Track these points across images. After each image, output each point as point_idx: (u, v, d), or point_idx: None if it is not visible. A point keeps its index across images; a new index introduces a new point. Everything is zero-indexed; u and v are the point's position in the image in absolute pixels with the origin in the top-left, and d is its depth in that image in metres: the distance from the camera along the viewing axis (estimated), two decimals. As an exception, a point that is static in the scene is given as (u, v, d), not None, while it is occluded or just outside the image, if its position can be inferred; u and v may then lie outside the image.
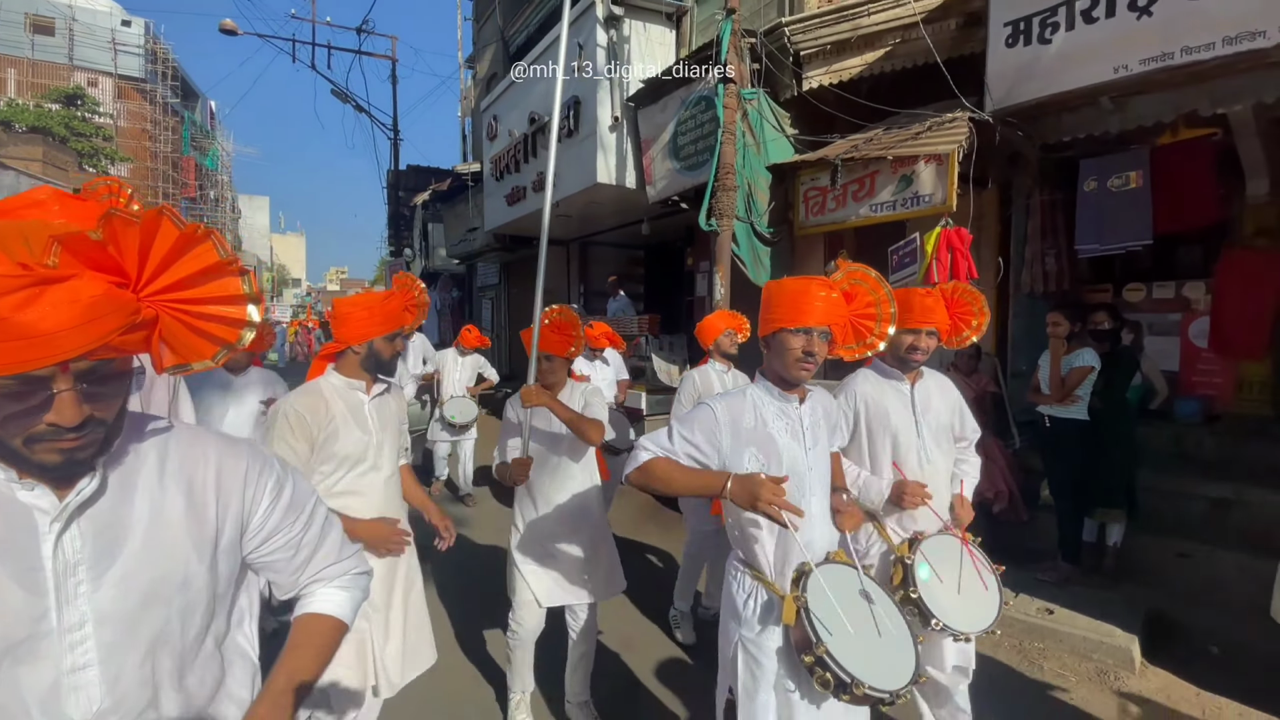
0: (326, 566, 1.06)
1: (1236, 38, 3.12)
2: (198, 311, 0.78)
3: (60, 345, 0.68)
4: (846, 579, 1.60)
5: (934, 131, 4.11)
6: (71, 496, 0.80)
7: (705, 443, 1.60)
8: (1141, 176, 3.95)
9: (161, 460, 0.89)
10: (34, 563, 0.79)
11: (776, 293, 1.64)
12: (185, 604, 0.89)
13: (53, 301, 0.66)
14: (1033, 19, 3.78)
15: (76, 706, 0.81)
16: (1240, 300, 4.18)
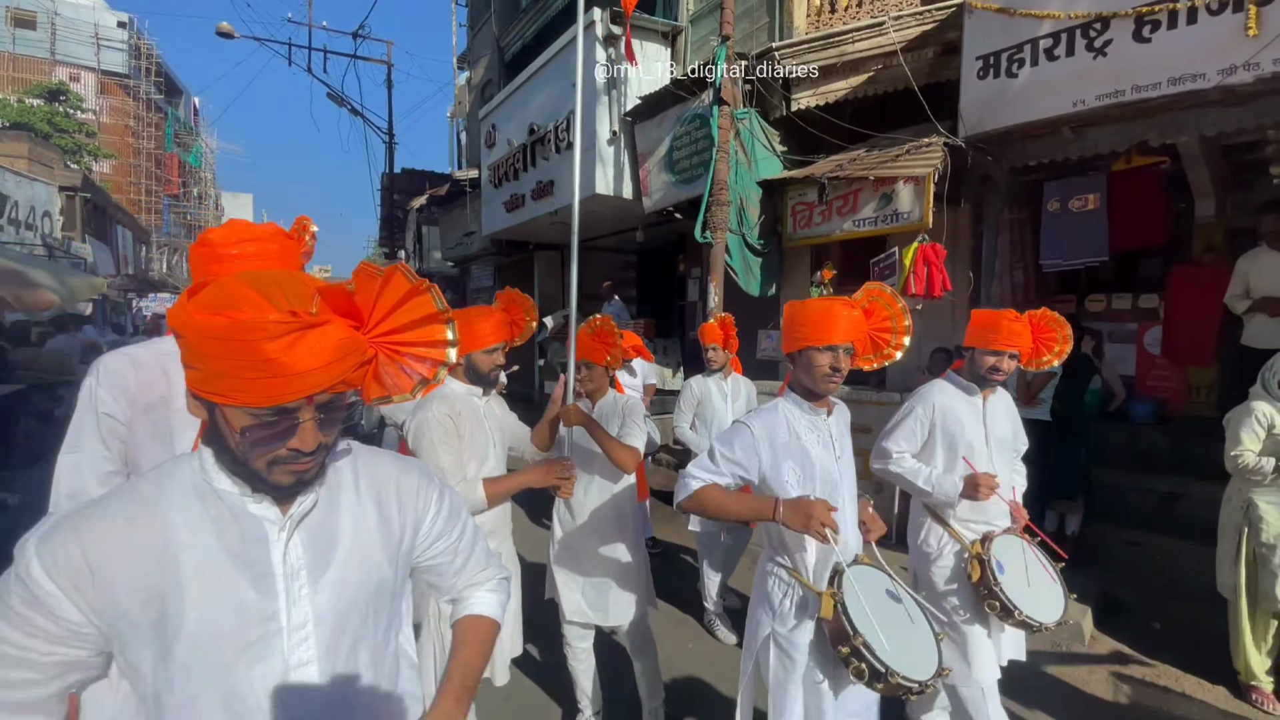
0: (479, 571, 1.17)
1: (1180, 79, 3.50)
2: (408, 351, 0.90)
3: (313, 381, 0.78)
4: (875, 579, 1.72)
5: (912, 154, 4.46)
6: (294, 509, 0.91)
7: (745, 459, 1.69)
8: (1099, 199, 4.34)
9: (355, 477, 0.99)
10: (266, 568, 0.88)
11: (802, 312, 1.72)
12: (378, 606, 0.99)
13: (311, 344, 0.77)
14: (1001, 54, 4.14)
15: (303, 697, 0.90)
16: (1189, 311, 4.57)
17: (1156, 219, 4.38)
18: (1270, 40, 3.23)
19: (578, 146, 2.77)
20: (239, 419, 0.80)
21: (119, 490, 0.89)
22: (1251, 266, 4.00)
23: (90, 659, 0.84)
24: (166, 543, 0.84)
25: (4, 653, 0.80)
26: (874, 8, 5.35)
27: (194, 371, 0.80)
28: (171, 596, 0.82)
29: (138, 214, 30.86)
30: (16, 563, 0.80)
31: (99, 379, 1.40)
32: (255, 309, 0.74)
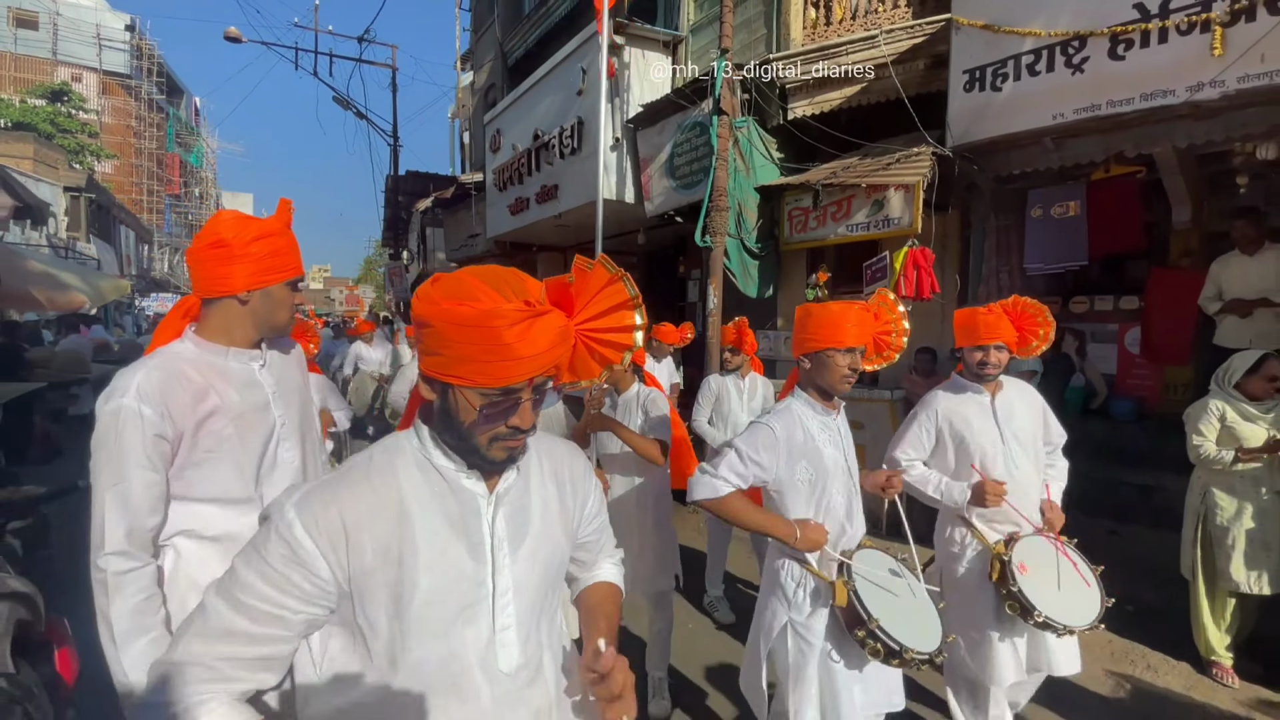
0: (610, 545, 1.25)
1: (1151, 95, 3.72)
2: (600, 338, 0.96)
3: (537, 364, 0.86)
4: (877, 560, 1.84)
5: (902, 163, 4.68)
6: (499, 485, 0.98)
7: (767, 460, 1.78)
8: (1079, 206, 4.56)
9: (540, 459, 1.06)
10: (479, 538, 0.95)
11: (820, 315, 1.79)
12: (555, 579, 1.06)
13: (538, 331, 0.84)
14: (986, 69, 4.36)
15: (505, 660, 0.96)
16: (1167, 313, 4.80)
17: (1133, 225, 4.61)
18: (1235, 60, 3.45)
19: (601, 157, 3.02)
20: (474, 399, 0.87)
21: (355, 463, 0.95)
22: (1223, 270, 4.23)
23: (325, 619, 0.91)
24: (402, 510, 0.91)
25: (260, 609, 0.85)
26: (867, 21, 5.57)
27: (435, 358, 0.87)
28: (408, 559, 0.89)
29: (139, 214, 31.02)
30: (276, 523, 0.87)
31: (141, 398, 1.27)
32: (491, 300, 0.83)
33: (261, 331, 1.45)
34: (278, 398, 1.47)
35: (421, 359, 0.89)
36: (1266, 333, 4.05)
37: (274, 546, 0.85)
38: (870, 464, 5.13)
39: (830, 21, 5.78)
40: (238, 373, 1.42)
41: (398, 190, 13.35)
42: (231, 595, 0.86)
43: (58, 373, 7.31)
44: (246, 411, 1.40)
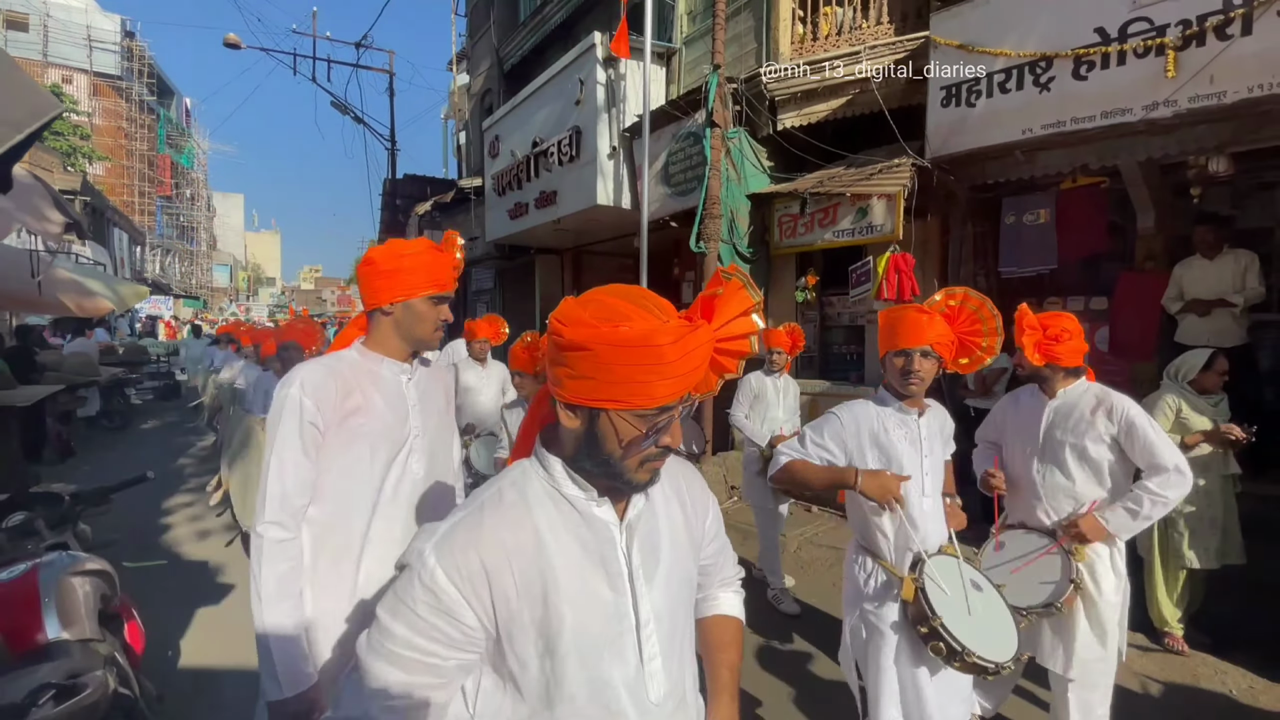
0: (728, 569, 1.20)
1: (1111, 112, 4.03)
2: (721, 347, 0.88)
3: (692, 380, 0.84)
4: (955, 568, 1.82)
5: (884, 174, 4.97)
6: (630, 512, 0.94)
7: (833, 444, 1.87)
8: (1049, 214, 4.86)
9: (661, 480, 0.98)
10: (617, 568, 0.92)
11: (883, 321, 1.89)
12: (689, 601, 1.04)
13: (692, 345, 0.81)
14: (962, 86, 4.66)
15: (654, 690, 0.93)
16: (1133, 313, 5.10)
17: (1098, 231, 4.92)
18: (1186, 81, 3.76)
19: (645, 181, 3.27)
20: (631, 421, 0.84)
21: (485, 500, 0.92)
22: (1185, 273, 4.54)
23: (476, 662, 0.90)
24: (540, 545, 0.89)
25: (412, 660, 0.85)
26: (852, 37, 5.87)
27: (585, 382, 0.83)
28: (552, 595, 0.87)
29: (131, 215, 30.98)
30: (419, 571, 0.85)
31: (304, 388, 1.45)
32: (645, 319, 0.81)
33: (409, 343, 1.59)
34: (417, 411, 1.60)
35: (563, 385, 0.86)
36: (1222, 330, 4.37)
37: (419, 594, 0.85)
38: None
39: (817, 37, 6.07)
40: (387, 381, 1.57)
41: (395, 194, 13.54)
42: (383, 649, 0.86)
43: (69, 376, 7.50)
44: (386, 417, 1.54)
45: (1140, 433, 2.13)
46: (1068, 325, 2.20)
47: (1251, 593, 3.59)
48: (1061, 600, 2.14)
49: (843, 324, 6.61)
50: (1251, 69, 3.57)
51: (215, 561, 4.40)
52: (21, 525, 2.22)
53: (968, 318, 1.85)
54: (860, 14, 5.85)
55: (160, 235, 36.61)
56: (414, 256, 1.52)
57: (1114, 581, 2.24)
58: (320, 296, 69.61)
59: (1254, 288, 4.26)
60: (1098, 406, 2.20)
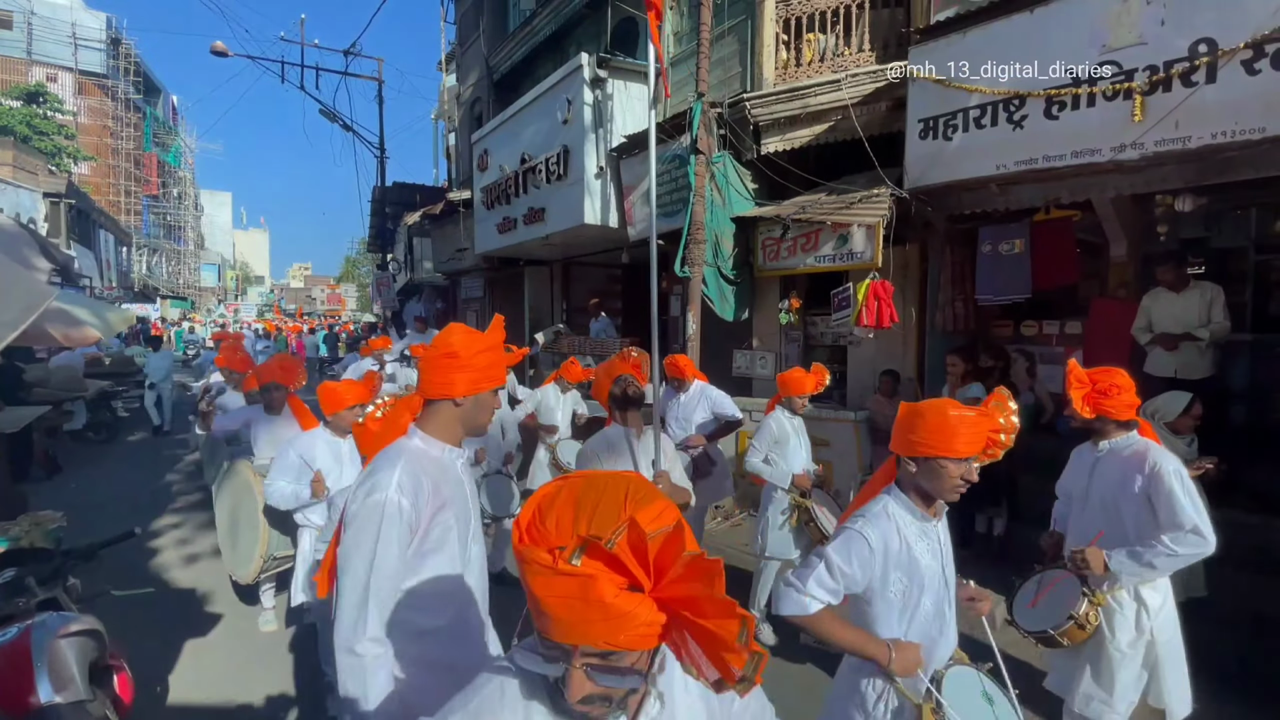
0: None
1: (1081, 152, 4.14)
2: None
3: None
4: (971, 680, 1.74)
5: (864, 203, 5.07)
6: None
7: (860, 573, 1.66)
8: (1024, 244, 4.98)
9: (675, 674, 0.95)
10: None
11: (934, 421, 1.62)
12: None
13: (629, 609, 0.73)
14: (939, 119, 4.76)
15: None
16: (1105, 338, 5.24)
17: (1070, 262, 5.05)
18: (1152, 125, 3.88)
19: (654, 205, 3.33)
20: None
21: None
22: (1153, 304, 4.66)
23: None
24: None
25: None
26: (835, 63, 5.96)
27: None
28: None
29: (117, 215, 30.72)
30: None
31: (401, 490, 1.41)
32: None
33: (468, 431, 1.60)
34: (472, 494, 1.64)
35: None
36: (1188, 363, 4.48)
37: None
38: (836, 482, 5.54)
39: (800, 62, 6.16)
40: (450, 468, 1.56)
41: (385, 201, 13.53)
42: None
43: (55, 392, 7.49)
44: (459, 506, 1.55)
45: (1165, 487, 2.17)
46: (1118, 380, 2.28)
47: (1219, 622, 3.73)
48: (1060, 631, 2.25)
49: (826, 344, 6.72)
50: (1215, 116, 3.68)
51: (203, 589, 4.45)
52: (12, 582, 2.28)
53: (996, 419, 1.78)
54: (843, 41, 5.95)
55: (147, 235, 36.29)
56: (491, 352, 1.54)
57: (1132, 636, 2.29)
58: (310, 295, 69.20)
59: (1219, 322, 4.36)
60: (1138, 459, 2.26)
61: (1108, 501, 2.33)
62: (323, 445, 3.28)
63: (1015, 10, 4.39)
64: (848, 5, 5.92)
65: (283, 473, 3.20)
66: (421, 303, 13.64)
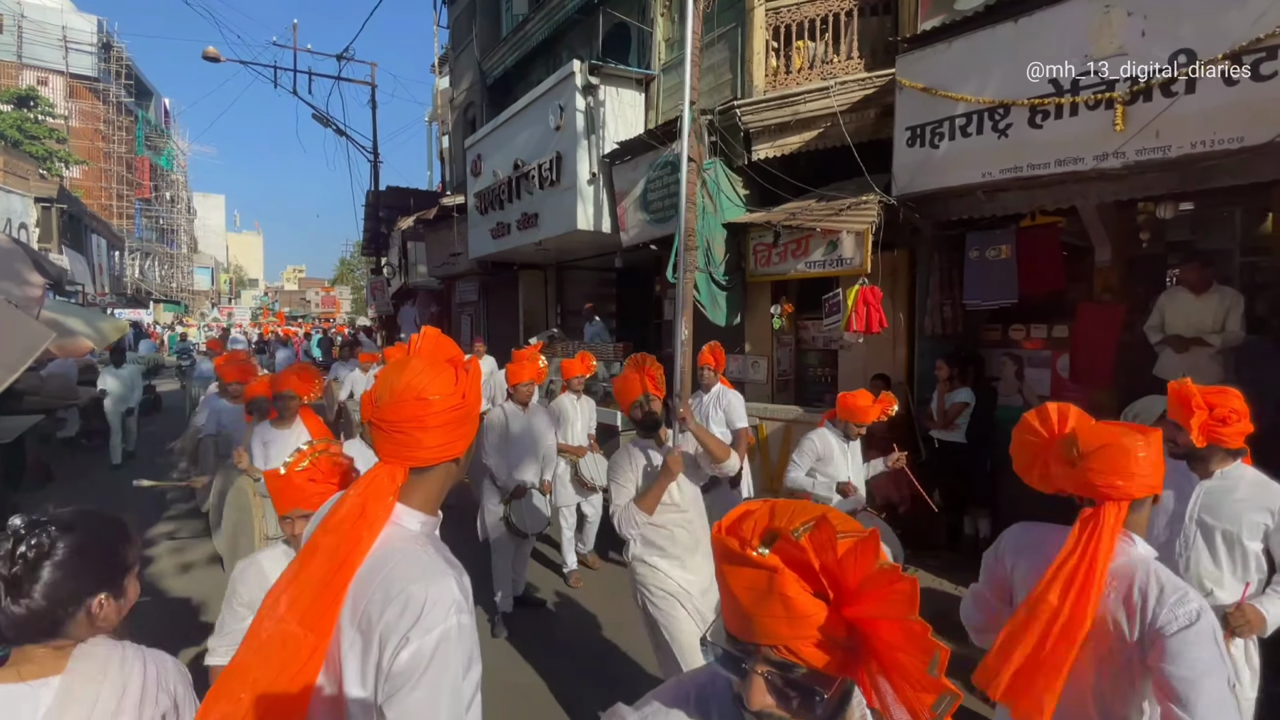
0: None
1: (1064, 160, 4.21)
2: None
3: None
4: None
5: (853, 210, 5.13)
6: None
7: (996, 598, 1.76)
8: (1010, 250, 5.04)
9: None
10: None
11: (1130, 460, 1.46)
12: None
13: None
14: (926, 127, 4.83)
15: None
16: (1090, 342, 5.30)
17: (1055, 268, 5.11)
18: (1133, 134, 3.95)
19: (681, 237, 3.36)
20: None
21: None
22: (1169, 304, 4.58)
23: None
24: None
25: None
26: (824, 70, 6.02)
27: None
28: None
29: (109, 219, 30.60)
30: None
31: (460, 609, 1.04)
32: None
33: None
34: None
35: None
36: (1197, 368, 4.37)
37: None
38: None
39: (790, 70, 6.22)
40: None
41: (379, 205, 13.54)
42: None
43: (48, 399, 7.49)
44: None
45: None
46: (1236, 406, 2.09)
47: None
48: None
49: (817, 348, 6.78)
50: (1194, 126, 3.76)
51: (199, 598, 4.47)
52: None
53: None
54: (831, 49, 6.01)
55: (139, 238, 36.14)
56: (476, 383, 1.20)
57: (1249, 677, 2.18)
58: (304, 297, 68.99)
59: (1233, 330, 4.24)
60: (1257, 496, 2.11)
61: (1230, 536, 2.13)
62: (357, 455, 3.10)
63: (999, 20, 4.45)
64: (836, 13, 5.99)
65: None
66: (416, 307, 13.65)
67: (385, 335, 13.73)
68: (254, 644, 1.02)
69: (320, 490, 1.69)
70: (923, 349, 5.58)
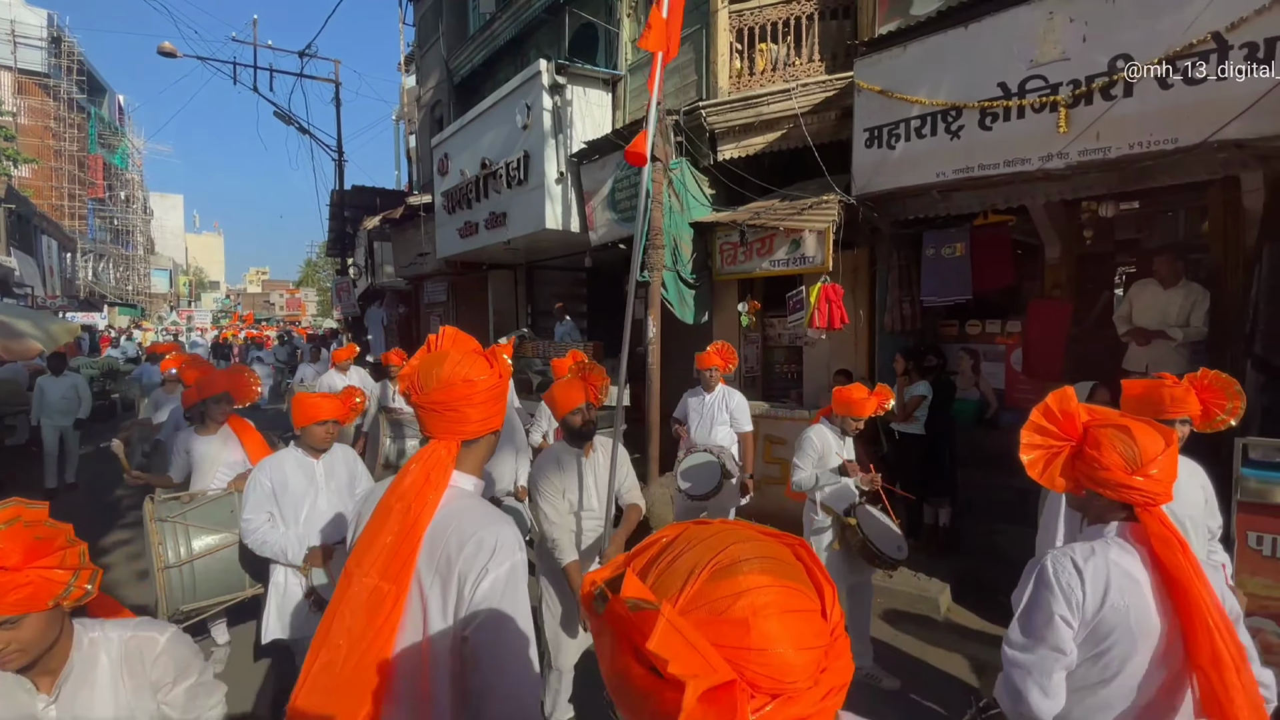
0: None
1: (1012, 161, 4.37)
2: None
3: None
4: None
5: (815, 210, 5.25)
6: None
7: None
8: (964, 248, 5.22)
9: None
10: None
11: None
12: None
13: None
14: (883, 129, 4.96)
15: None
16: (1041, 336, 5.51)
17: (1006, 264, 5.30)
18: (1076, 136, 4.12)
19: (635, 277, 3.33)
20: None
21: None
22: (1138, 296, 4.77)
23: None
24: None
25: None
26: (786, 73, 6.14)
27: None
28: None
29: (60, 219, 29.47)
30: None
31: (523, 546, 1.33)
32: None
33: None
34: None
35: None
36: (1161, 360, 4.56)
37: None
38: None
39: (754, 72, 6.32)
40: None
41: (343, 205, 13.32)
42: None
43: (-4, 405, 7.19)
44: None
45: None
46: (1177, 393, 2.14)
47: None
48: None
49: (783, 344, 6.90)
50: (1132, 128, 3.94)
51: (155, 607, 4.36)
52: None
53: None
54: (794, 52, 6.13)
55: (92, 239, 34.87)
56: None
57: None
58: (268, 300, 67.30)
59: (1197, 326, 4.43)
60: (1192, 475, 2.19)
61: (1195, 521, 2.23)
62: (293, 465, 2.89)
63: (951, 25, 4.61)
64: (798, 16, 6.11)
65: (258, 506, 2.80)
66: (384, 308, 13.46)
67: (351, 337, 13.48)
68: (345, 598, 1.23)
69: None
70: (883, 344, 5.73)
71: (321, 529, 2.87)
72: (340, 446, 3.05)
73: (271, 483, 2.84)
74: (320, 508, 2.89)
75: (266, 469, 2.85)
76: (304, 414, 2.84)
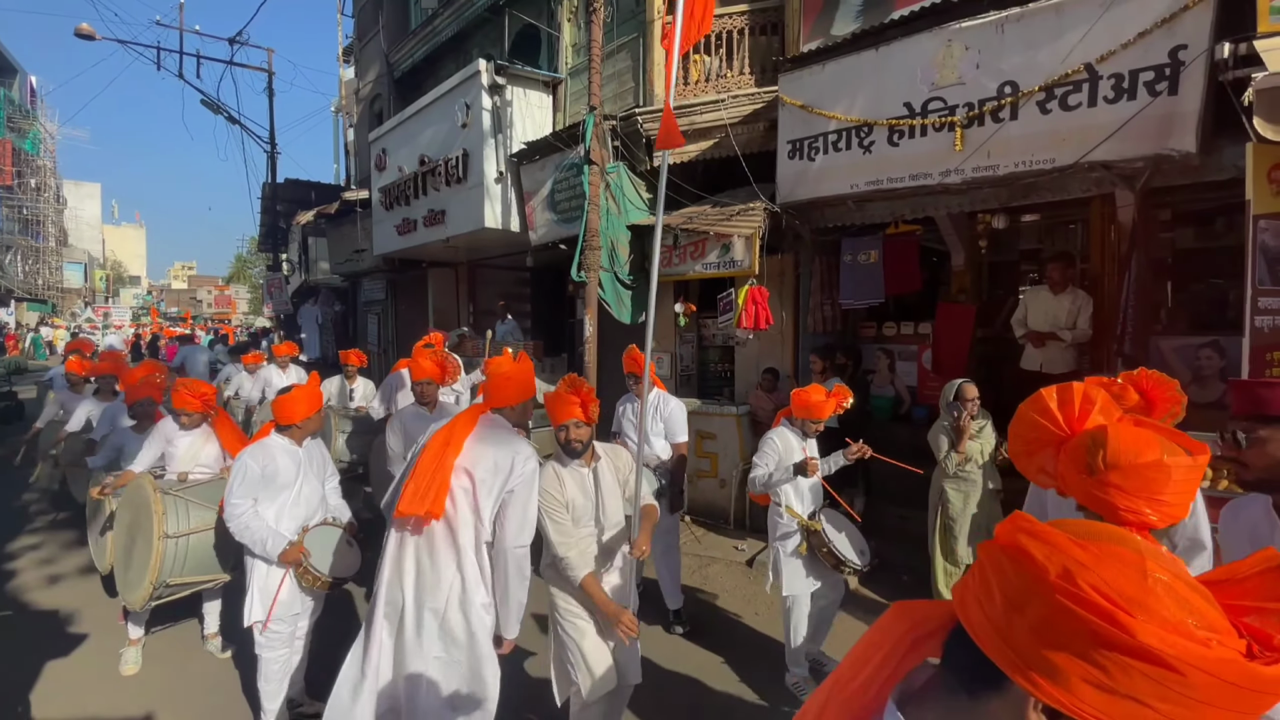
0: None
1: (916, 175, 4.75)
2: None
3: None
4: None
5: (743, 215, 5.53)
6: None
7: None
8: (877, 254, 5.61)
9: None
10: None
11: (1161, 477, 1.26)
12: None
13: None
14: (804, 142, 5.28)
15: None
16: (947, 337, 5.97)
17: (914, 270, 5.73)
18: (970, 154, 4.52)
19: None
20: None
21: None
22: (1031, 301, 5.25)
23: None
24: None
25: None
26: (719, 84, 6.42)
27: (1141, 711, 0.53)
28: None
29: (-41, 207, 27.16)
30: None
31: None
32: (1228, 633, 0.54)
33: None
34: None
35: (1075, 690, 0.55)
36: (1053, 359, 5.06)
37: None
38: (720, 471, 5.96)
39: (688, 82, 6.57)
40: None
41: (276, 198, 12.90)
42: None
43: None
44: None
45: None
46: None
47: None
48: None
49: (718, 345, 7.18)
50: (1017, 148, 4.36)
51: (66, 610, 4.23)
52: None
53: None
54: (726, 64, 6.41)
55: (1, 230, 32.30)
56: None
57: None
58: (195, 296, 63.75)
59: (1083, 329, 4.91)
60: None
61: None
62: (281, 453, 2.96)
63: (865, 47, 4.96)
64: (730, 31, 6.39)
65: (246, 491, 2.85)
66: (318, 305, 13.09)
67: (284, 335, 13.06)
68: (412, 484, 2.33)
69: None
70: (807, 344, 6.07)
71: (305, 511, 3.05)
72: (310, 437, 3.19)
73: (261, 468, 2.87)
74: (304, 492, 3.05)
75: (256, 455, 2.90)
76: (310, 405, 3.00)
